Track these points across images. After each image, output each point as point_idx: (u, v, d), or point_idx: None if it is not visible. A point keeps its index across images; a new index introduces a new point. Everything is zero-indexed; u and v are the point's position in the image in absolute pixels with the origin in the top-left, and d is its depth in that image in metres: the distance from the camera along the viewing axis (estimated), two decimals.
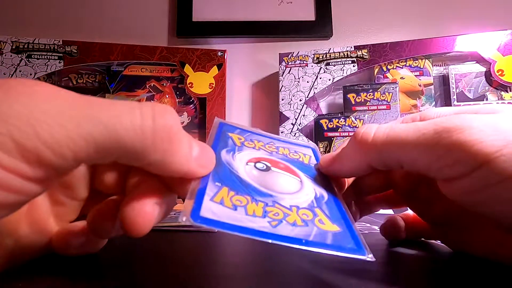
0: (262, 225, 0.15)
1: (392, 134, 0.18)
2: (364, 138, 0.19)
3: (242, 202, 0.16)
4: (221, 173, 0.18)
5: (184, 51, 0.69)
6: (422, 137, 0.17)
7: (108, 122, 0.12)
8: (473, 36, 0.65)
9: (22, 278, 0.17)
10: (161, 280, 0.17)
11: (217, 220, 0.15)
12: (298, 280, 0.17)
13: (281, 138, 0.26)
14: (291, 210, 0.17)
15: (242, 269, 0.20)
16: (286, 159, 0.22)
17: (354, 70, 0.70)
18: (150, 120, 0.13)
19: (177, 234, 0.32)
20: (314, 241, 0.15)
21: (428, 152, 0.17)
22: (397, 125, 0.18)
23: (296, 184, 0.20)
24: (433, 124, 0.17)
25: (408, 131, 0.17)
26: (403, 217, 0.26)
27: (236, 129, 0.24)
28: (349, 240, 0.16)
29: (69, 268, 0.20)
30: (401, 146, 0.18)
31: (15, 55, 0.64)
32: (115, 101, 0.13)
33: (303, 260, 0.21)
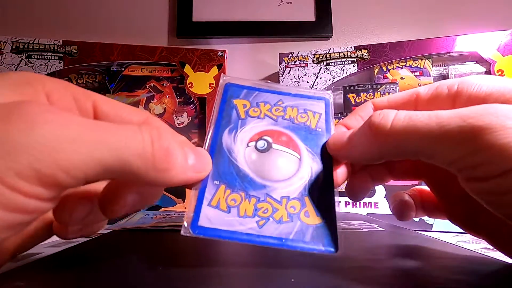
0: (250, 226, 0.18)
1: (412, 125, 0.16)
2: (382, 127, 0.17)
3: (236, 201, 0.19)
4: (220, 167, 0.20)
5: (184, 51, 0.69)
6: (445, 133, 0.15)
7: (117, 147, 0.14)
8: (473, 36, 0.65)
9: (22, 278, 0.17)
10: (161, 279, 0.17)
11: (212, 227, 0.18)
12: (298, 279, 0.17)
13: (292, 90, 0.24)
14: (281, 204, 0.19)
15: (242, 269, 0.20)
16: (291, 127, 0.22)
17: (354, 70, 0.70)
18: (149, 144, 0.15)
19: (178, 234, 0.32)
20: (293, 239, 0.18)
21: (452, 150, 0.15)
22: (418, 114, 0.17)
23: (294, 165, 0.20)
24: (460, 119, 0.15)
25: (430, 124, 0.16)
26: (410, 194, 0.25)
27: (243, 89, 0.23)
28: (325, 236, 0.18)
29: (69, 268, 0.20)
30: (421, 139, 0.16)
31: (15, 55, 0.64)
32: (120, 125, 0.15)
33: (303, 257, 0.21)
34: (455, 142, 0.15)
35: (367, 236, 0.31)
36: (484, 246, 0.37)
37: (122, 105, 0.19)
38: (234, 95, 0.23)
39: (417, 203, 0.25)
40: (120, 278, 0.17)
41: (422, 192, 0.25)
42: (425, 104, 0.21)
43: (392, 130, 0.17)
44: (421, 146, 0.16)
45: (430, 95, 0.21)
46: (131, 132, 0.15)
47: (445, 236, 0.45)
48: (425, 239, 0.30)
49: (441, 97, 0.21)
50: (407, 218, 0.24)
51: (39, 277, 0.18)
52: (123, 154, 0.14)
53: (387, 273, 0.19)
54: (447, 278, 0.18)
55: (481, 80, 0.19)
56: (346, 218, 0.47)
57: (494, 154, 0.14)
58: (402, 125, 0.17)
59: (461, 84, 0.20)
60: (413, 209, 0.24)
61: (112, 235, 0.32)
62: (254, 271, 0.19)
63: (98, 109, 0.18)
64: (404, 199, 0.25)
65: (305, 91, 0.24)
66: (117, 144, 0.14)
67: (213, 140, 0.21)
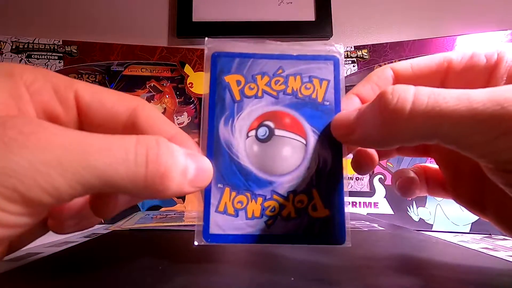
0: (259, 227, 0.18)
1: (437, 111, 0.14)
2: (398, 111, 0.15)
3: (243, 203, 0.18)
4: (221, 167, 0.19)
5: (184, 51, 0.69)
6: (479, 122, 0.13)
7: (105, 171, 0.13)
8: (473, 36, 0.65)
9: (22, 278, 0.17)
10: (161, 279, 0.17)
11: (224, 234, 0.18)
12: (298, 278, 0.17)
13: (294, 51, 0.20)
14: (288, 199, 0.19)
15: (242, 268, 0.20)
16: (295, 104, 0.19)
17: (354, 70, 0.70)
18: (144, 168, 0.14)
19: (178, 234, 0.32)
20: (301, 235, 0.18)
21: (488, 142, 0.13)
22: (445, 95, 0.14)
23: (299, 153, 0.19)
24: (496, 104, 0.13)
25: (460, 109, 0.13)
26: (414, 170, 0.24)
27: (235, 59, 0.20)
28: (334, 228, 0.18)
29: (69, 268, 0.20)
30: (448, 126, 0.14)
31: (15, 55, 0.64)
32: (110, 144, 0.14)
33: (303, 255, 0.21)
34: (492, 134, 0.13)
35: (367, 235, 0.31)
36: (485, 246, 0.36)
37: (107, 93, 0.18)
38: (224, 69, 0.20)
39: (421, 181, 0.24)
40: (120, 278, 0.17)
41: (426, 169, 0.24)
42: (456, 76, 0.19)
43: (412, 115, 0.14)
44: (449, 134, 0.14)
45: (464, 65, 0.19)
46: (122, 153, 0.14)
47: (446, 236, 0.45)
48: (425, 239, 0.30)
49: (477, 68, 0.18)
50: (412, 195, 0.23)
51: (39, 277, 0.17)
52: (111, 178, 0.14)
53: (387, 272, 0.19)
54: (447, 277, 0.18)
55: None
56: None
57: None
58: (426, 110, 0.14)
59: (501, 54, 0.17)
60: (418, 185, 0.23)
61: (112, 235, 0.32)
62: (254, 270, 0.19)
63: (80, 100, 0.17)
64: (410, 175, 0.23)
65: (310, 51, 0.20)
66: (104, 168, 0.13)
67: (209, 135, 0.19)
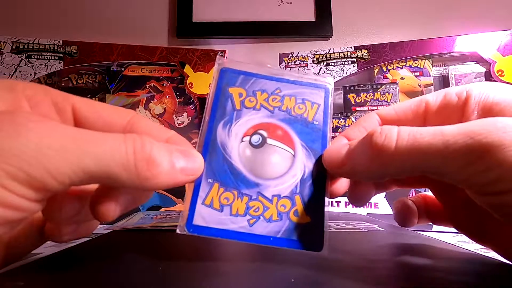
0: (241, 225, 0.19)
1: (417, 145, 0.16)
2: (386, 148, 0.17)
3: (229, 199, 0.19)
4: (214, 164, 0.20)
5: (184, 51, 0.69)
6: (453, 153, 0.15)
7: (102, 158, 0.15)
8: (473, 37, 0.65)
9: (22, 278, 0.17)
10: (161, 279, 0.17)
11: (206, 226, 0.19)
12: (298, 278, 0.17)
13: (291, 77, 0.23)
14: (272, 202, 0.19)
15: (242, 269, 0.20)
16: (288, 119, 0.21)
17: (354, 71, 0.70)
18: (132, 155, 0.16)
19: (178, 234, 0.32)
20: (281, 237, 0.19)
21: (461, 169, 0.15)
22: (422, 132, 0.16)
23: (287, 162, 0.20)
24: (466, 137, 0.15)
25: (435, 143, 0.15)
26: (414, 200, 0.25)
27: (239, 75, 0.22)
28: (313, 235, 0.19)
29: (69, 268, 0.20)
30: (428, 159, 0.16)
31: (15, 56, 0.64)
32: (105, 136, 0.16)
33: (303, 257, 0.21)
34: (464, 161, 0.15)
35: (367, 236, 0.31)
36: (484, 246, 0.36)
37: (103, 106, 0.19)
38: (230, 83, 0.22)
39: (421, 210, 0.24)
40: (120, 278, 0.17)
41: (426, 198, 0.25)
42: (434, 115, 0.21)
43: (397, 151, 0.16)
44: (428, 166, 0.16)
45: (439, 104, 0.21)
46: (115, 143, 0.15)
47: (445, 236, 0.45)
48: (425, 239, 0.30)
49: (451, 105, 0.20)
50: (409, 225, 0.24)
51: (39, 277, 0.17)
52: (108, 165, 0.15)
53: (387, 273, 0.19)
54: (447, 278, 0.18)
55: (488, 88, 0.19)
56: (346, 218, 0.47)
57: (506, 171, 0.14)
58: (407, 146, 0.16)
59: (469, 92, 0.19)
60: (415, 215, 0.24)
61: (112, 235, 0.32)
62: (254, 271, 0.19)
63: (77, 112, 0.19)
64: (407, 204, 0.24)
65: (305, 78, 0.23)
66: (102, 155, 0.15)
67: (207, 134, 0.20)
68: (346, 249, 0.25)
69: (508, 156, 0.14)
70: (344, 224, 0.38)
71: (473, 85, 0.20)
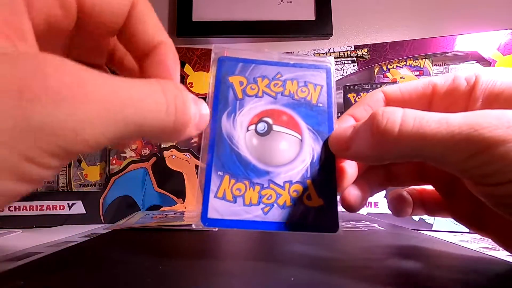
0: (256, 214, 0.19)
1: (421, 132, 0.16)
2: (388, 132, 0.16)
3: (241, 190, 0.19)
4: (222, 156, 0.20)
5: (184, 50, 0.69)
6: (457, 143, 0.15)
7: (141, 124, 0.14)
8: (473, 36, 0.65)
9: (22, 278, 0.17)
10: (161, 279, 0.17)
11: (221, 218, 0.19)
12: (298, 277, 0.17)
13: (291, 60, 0.22)
14: (284, 189, 0.20)
15: (242, 268, 0.20)
16: (292, 104, 0.21)
17: (354, 70, 0.70)
18: (173, 116, 0.15)
19: (178, 234, 0.32)
20: (296, 222, 0.19)
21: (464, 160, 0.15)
22: (428, 119, 0.16)
23: (295, 147, 0.20)
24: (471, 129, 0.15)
25: (440, 131, 0.15)
26: (409, 191, 0.25)
27: (238, 63, 0.22)
28: (328, 217, 0.19)
29: (69, 268, 0.20)
30: (431, 146, 0.16)
31: None
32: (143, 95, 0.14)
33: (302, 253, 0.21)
34: (467, 153, 0.15)
35: (367, 235, 0.31)
36: (485, 245, 0.36)
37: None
38: (229, 72, 0.22)
39: (416, 202, 0.24)
40: (120, 278, 0.17)
41: (422, 190, 0.25)
42: (441, 98, 0.21)
43: (400, 136, 0.16)
44: (431, 154, 0.16)
45: (447, 88, 0.21)
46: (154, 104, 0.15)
47: (446, 236, 0.45)
48: (425, 239, 0.30)
49: (458, 91, 0.20)
50: (403, 214, 0.24)
51: (39, 277, 0.17)
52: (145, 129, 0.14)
53: (388, 272, 0.19)
54: (448, 277, 0.18)
55: (496, 75, 0.19)
56: (346, 217, 0.47)
57: (507, 164, 0.14)
58: (412, 131, 0.16)
59: (478, 78, 0.19)
60: (409, 205, 0.24)
61: (112, 235, 0.32)
62: (254, 270, 0.19)
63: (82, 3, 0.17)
64: (401, 194, 0.24)
65: (305, 59, 0.22)
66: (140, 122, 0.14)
67: (212, 127, 0.20)
68: (346, 248, 0.25)
69: (510, 151, 0.14)
70: (344, 223, 0.38)
71: (483, 70, 0.19)
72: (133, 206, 0.59)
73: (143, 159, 0.62)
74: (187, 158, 0.63)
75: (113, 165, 0.63)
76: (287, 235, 0.29)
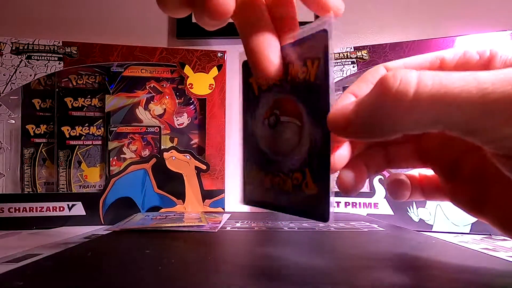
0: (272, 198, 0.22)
1: (444, 92, 0.13)
2: (402, 92, 0.13)
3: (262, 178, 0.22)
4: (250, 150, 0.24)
5: (184, 52, 0.69)
6: (492, 103, 0.12)
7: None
8: (473, 37, 0.65)
9: (22, 278, 0.17)
10: (161, 279, 0.17)
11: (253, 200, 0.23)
12: (297, 277, 0.17)
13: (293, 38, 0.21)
14: (288, 176, 0.21)
15: (242, 268, 0.20)
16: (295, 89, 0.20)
17: (354, 71, 0.70)
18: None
19: (178, 235, 0.32)
20: (297, 209, 0.20)
21: (502, 126, 0.12)
22: (450, 76, 0.13)
23: (297, 135, 0.21)
24: (508, 84, 0.12)
25: (469, 89, 0.12)
26: (408, 175, 0.24)
27: None
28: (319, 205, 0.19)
29: (69, 268, 0.20)
30: (458, 111, 0.13)
31: (15, 56, 0.64)
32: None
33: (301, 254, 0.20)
34: (503, 116, 0.12)
35: (367, 236, 0.31)
36: (485, 246, 0.36)
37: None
38: (249, 73, 0.24)
39: (414, 185, 0.23)
40: (120, 278, 0.17)
41: (420, 173, 0.24)
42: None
43: (417, 99, 0.13)
44: (456, 120, 0.13)
45: (457, 62, 0.19)
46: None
47: (446, 237, 0.45)
48: (426, 239, 0.30)
49: (470, 64, 0.18)
50: (402, 197, 0.23)
51: (39, 277, 0.17)
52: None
53: (387, 273, 0.19)
54: (448, 277, 0.18)
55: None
56: (346, 218, 0.47)
57: None
58: (431, 92, 0.13)
59: (493, 51, 0.17)
60: (408, 188, 0.23)
61: (112, 235, 0.32)
62: (254, 271, 0.19)
63: None
64: (399, 177, 0.23)
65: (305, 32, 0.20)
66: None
67: (243, 126, 0.24)
68: (346, 249, 0.25)
69: None
70: (344, 224, 0.38)
71: (496, 46, 0.18)
72: (133, 208, 0.59)
73: (143, 160, 0.62)
74: (187, 159, 0.63)
75: (113, 166, 0.63)
76: (287, 235, 0.29)
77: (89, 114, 0.66)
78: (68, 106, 0.65)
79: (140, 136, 0.65)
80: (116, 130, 0.64)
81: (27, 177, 0.62)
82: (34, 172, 0.63)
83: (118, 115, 0.66)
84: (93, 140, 0.65)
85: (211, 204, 0.62)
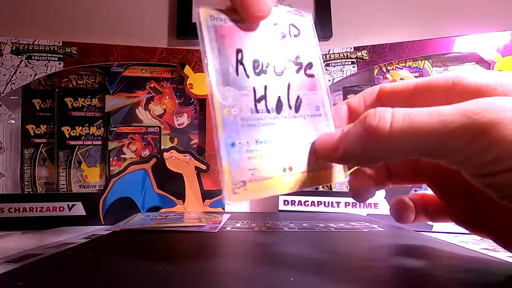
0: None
1: (413, 125, 0.16)
2: (381, 129, 0.16)
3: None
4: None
5: (184, 52, 0.69)
6: (450, 133, 0.15)
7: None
8: (473, 37, 0.65)
9: (22, 278, 0.17)
10: (161, 279, 0.17)
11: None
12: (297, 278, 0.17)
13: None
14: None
15: (242, 268, 0.20)
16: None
17: (354, 71, 0.70)
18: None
19: (178, 235, 0.32)
20: None
21: (459, 150, 0.15)
22: (418, 112, 0.16)
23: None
24: (463, 116, 0.14)
25: (432, 122, 0.15)
26: (411, 198, 0.25)
27: None
28: None
29: (69, 268, 0.20)
30: (424, 140, 0.15)
31: (15, 56, 0.64)
32: None
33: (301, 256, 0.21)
34: (462, 142, 0.15)
35: (367, 236, 0.31)
36: (485, 247, 0.36)
37: None
38: None
39: (418, 208, 0.24)
40: (120, 278, 0.17)
41: (424, 196, 0.25)
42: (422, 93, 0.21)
43: (392, 132, 0.16)
44: (425, 147, 0.16)
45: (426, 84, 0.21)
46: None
47: (446, 237, 0.45)
48: (426, 239, 0.30)
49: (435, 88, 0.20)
50: (406, 221, 0.24)
51: (39, 277, 0.17)
52: None
53: (387, 273, 0.19)
54: (448, 277, 0.18)
55: (475, 72, 0.18)
56: (346, 218, 0.47)
57: (505, 149, 0.14)
58: (402, 126, 0.16)
59: (457, 78, 0.19)
60: (412, 211, 0.24)
61: (112, 235, 0.32)
62: (254, 270, 0.19)
63: None
64: (403, 200, 0.24)
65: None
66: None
67: None
68: (346, 249, 0.25)
69: (506, 134, 0.13)
70: (344, 224, 0.38)
71: (459, 71, 0.20)
72: (133, 208, 0.59)
73: (143, 160, 0.62)
74: (187, 159, 0.63)
75: (113, 166, 0.63)
76: (287, 235, 0.29)
77: (89, 114, 0.66)
78: (68, 106, 0.65)
79: (140, 136, 0.65)
80: (116, 130, 0.64)
81: (27, 177, 0.62)
82: (34, 172, 0.63)
83: (118, 115, 0.66)
84: (93, 140, 0.65)
85: (211, 204, 0.62)
